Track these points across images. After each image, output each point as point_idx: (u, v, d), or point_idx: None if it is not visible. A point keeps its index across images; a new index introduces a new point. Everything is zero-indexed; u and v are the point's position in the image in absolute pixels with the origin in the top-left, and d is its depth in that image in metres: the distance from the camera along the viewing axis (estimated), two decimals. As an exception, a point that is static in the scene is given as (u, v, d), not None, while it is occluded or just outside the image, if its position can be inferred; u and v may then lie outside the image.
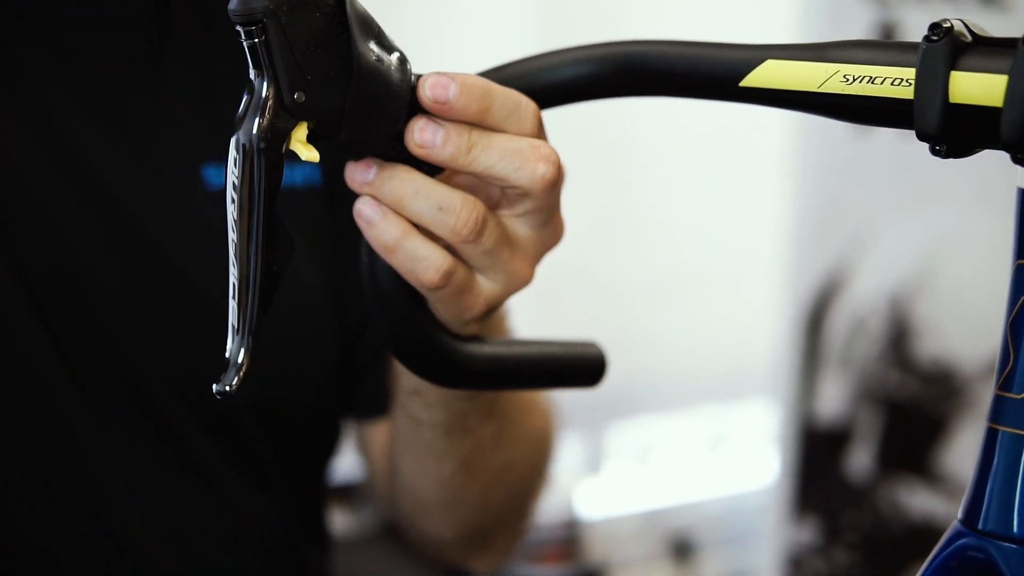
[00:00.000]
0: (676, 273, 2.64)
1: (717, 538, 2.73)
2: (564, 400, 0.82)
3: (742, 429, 2.82)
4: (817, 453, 2.31)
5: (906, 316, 2.20)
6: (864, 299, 2.24)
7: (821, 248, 2.26)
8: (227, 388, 0.62)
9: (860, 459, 2.25)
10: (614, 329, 2.55)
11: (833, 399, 2.27)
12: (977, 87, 0.57)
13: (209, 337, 0.93)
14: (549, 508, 2.28)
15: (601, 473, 2.66)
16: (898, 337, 2.23)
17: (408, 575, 1.22)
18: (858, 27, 2.24)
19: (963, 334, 2.13)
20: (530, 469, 1.05)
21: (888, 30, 2.26)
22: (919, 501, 2.23)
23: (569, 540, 2.33)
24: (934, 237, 2.10)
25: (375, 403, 1.05)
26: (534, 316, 2.39)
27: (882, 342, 2.23)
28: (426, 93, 0.63)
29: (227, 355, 0.62)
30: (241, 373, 0.62)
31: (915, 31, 2.23)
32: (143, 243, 0.96)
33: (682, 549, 2.69)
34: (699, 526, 2.71)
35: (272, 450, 1.02)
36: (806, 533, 2.30)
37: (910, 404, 2.22)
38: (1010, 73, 0.56)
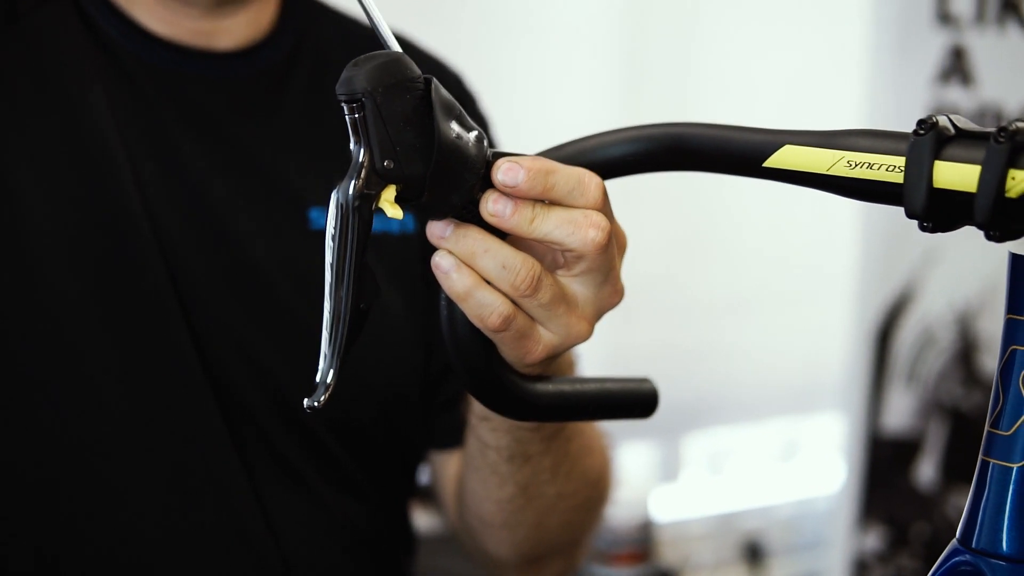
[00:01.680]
0: (752, 289, 2.68)
1: (787, 542, 2.78)
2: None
3: (813, 441, 2.85)
4: (884, 464, 2.34)
5: (971, 331, 2.23)
6: (931, 314, 2.28)
7: (890, 266, 2.30)
8: (316, 404, 0.71)
9: (926, 470, 2.28)
10: (693, 342, 2.62)
11: (900, 411, 2.31)
12: (956, 175, 0.65)
13: (303, 363, 1.05)
14: (626, 512, 2.35)
15: (677, 480, 2.71)
16: (964, 351, 2.25)
17: (484, 573, 1.30)
18: (928, 51, 2.26)
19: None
20: (584, 503, 1.13)
21: (958, 52, 2.29)
22: (983, 511, 2.23)
23: (644, 542, 2.36)
24: (998, 255, 2.12)
25: (450, 436, 1.16)
26: (618, 329, 2.45)
27: (948, 356, 2.26)
28: (498, 178, 0.72)
29: (318, 377, 0.72)
30: (328, 392, 0.71)
31: (982, 54, 2.26)
32: (253, 276, 1.08)
33: (753, 552, 2.73)
34: (770, 530, 2.76)
35: (356, 462, 1.12)
36: (872, 540, 2.34)
37: (976, 416, 2.23)
38: (983, 164, 0.64)
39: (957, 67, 2.30)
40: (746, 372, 2.69)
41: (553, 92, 2.41)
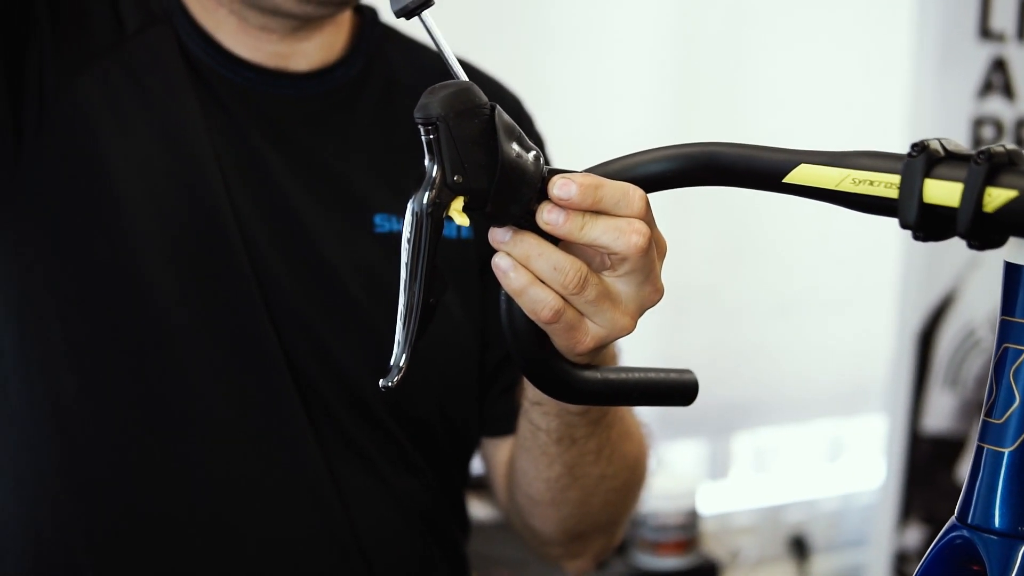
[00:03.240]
0: (799, 294, 2.72)
1: (830, 538, 2.82)
2: (694, 410, 0.92)
3: (857, 440, 2.89)
4: (925, 463, 2.39)
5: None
6: (973, 319, 2.33)
7: (933, 270, 2.35)
8: (390, 384, 0.81)
9: (967, 470, 2.33)
10: (740, 345, 2.67)
11: (941, 412, 2.35)
12: (943, 191, 0.73)
13: (368, 353, 1.17)
14: (675, 505, 2.39)
15: (726, 477, 2.76)
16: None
17: (533, 558, 1.35)
18: (971, 64, 2.31)
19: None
20: (623, 485, 1.21)
21: (1001, 63, 2.35)
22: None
23: (691, 532, 2.41)
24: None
25: (503, 424, 1.25)
26: (670, 332, 2.50)
27: (988, 356, 2.31)
28: (554, 192, 0.81)
29: (392, 360, 0.81)
30: (401, 374, 0.81)
31: (1023, 68, 2.30)
32: (325, 274, 1.18)
33: (799, 545, 2.78)
34: (813, 525, 2.80)
35: (415, 446, 1.22)
36: (912, 536, 2.39)
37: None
38: (964, 182, 0.72)
39: (999, 80, 2.36)
40: (793, 374, 2.73)
41: (608, 106, 2.47)
